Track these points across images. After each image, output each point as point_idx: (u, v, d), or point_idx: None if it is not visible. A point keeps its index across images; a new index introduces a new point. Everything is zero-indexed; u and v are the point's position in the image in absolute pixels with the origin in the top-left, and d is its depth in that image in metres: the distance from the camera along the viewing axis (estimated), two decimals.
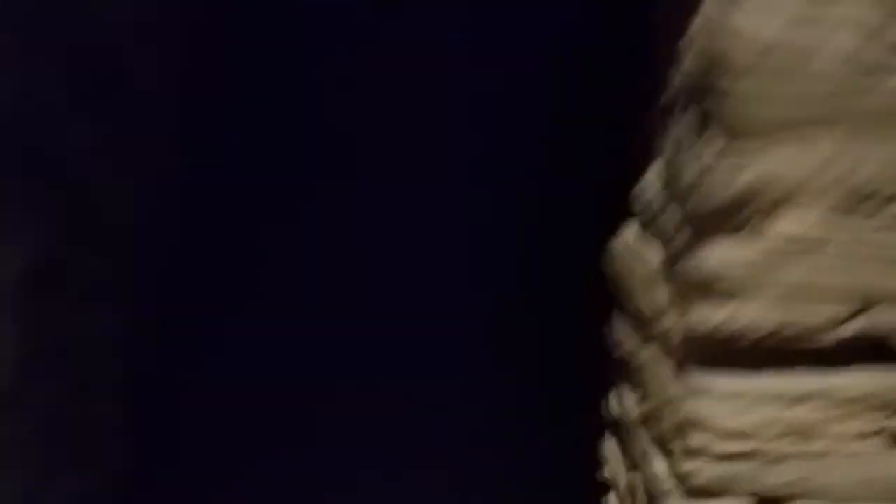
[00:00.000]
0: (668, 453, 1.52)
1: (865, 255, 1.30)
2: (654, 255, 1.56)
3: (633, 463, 1.68)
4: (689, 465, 1.39)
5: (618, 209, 1.77)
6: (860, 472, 1.34)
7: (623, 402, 1.75)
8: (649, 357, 1.59)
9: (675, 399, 1.47)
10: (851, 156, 1.24)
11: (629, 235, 1.67)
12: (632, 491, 1.65)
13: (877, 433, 1.33)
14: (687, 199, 1.36)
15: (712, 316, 1.35)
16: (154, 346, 2.33)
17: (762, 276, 1.32)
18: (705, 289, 1.35)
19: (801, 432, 1.39)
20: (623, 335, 1.71)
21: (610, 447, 1.84)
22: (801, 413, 1.39)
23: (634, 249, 1.62)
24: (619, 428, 1.77)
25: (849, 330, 1.35)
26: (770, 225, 1.30)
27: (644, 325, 1.60)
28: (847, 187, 1.26)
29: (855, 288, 1.30)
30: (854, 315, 1.31)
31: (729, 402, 1.41)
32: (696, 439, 1.43)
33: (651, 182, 1.54)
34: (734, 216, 1.30)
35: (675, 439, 1.48)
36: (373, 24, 2.92)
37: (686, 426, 1.44)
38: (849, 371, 1.37)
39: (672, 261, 1.44)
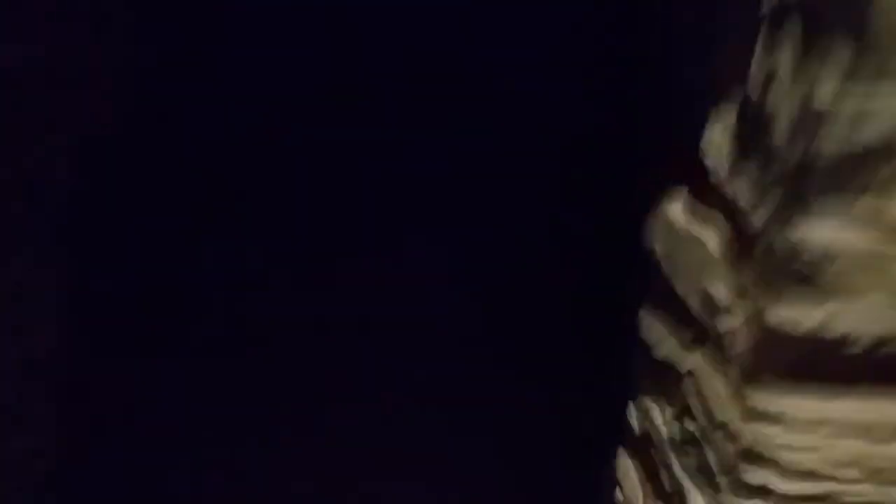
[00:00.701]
0: (713, 487, 1.19)
1: None
2: (713, 235, 1.21)
3: (661, 492, 1.34)
4: None
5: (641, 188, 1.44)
6: None
7: (651, 417, 1.40)
8: (697, 364, 1.25)
9: (732, 421, 1.13)
10: None
11: (676, 210, 1.32)
12: None
13: None
14: (781, 154, 1.00)
15: (805, 315, 1.00)
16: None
17: (881, 268, 0.97)
18: (802, 277, 1.00)
19: (892, 475, 1.06)
20: (659, 335, 1.36)
21: (626, 468, 1.50)
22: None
23: (684, 228, 1.27)
24: (641, 446, 1.43)
25: None
26: None
27: (692, 323, 1.25)
28: None
29: None
30: None
31: (806, 431, 1.07)
32: (755, 475, 1.10)
33: (714, 140, 1.19)
34: (855, 179, 0.95)
35: (726, 472, 1.14)
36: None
37: (744, 457, 1.11)
38: None
39: (749, 239, 1.09)
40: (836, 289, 0.99)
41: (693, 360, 1.26)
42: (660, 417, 1.38)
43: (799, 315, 1.01)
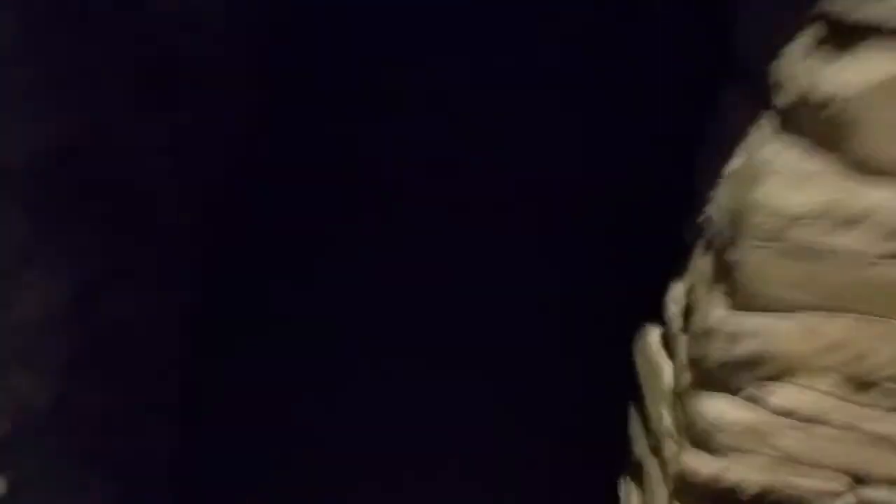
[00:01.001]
0: None
1: (871, 437, 1.24)
2: (669, 374, 1.53)
3: None
4: None
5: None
6: None
7: (630, 498, 1.74)
8: (653, 470, 1.58)
9: None
10: (859, 344, 1.18)
11: (653, 340, 1.64)
12: None
13: None
14: (694, 343, 1.33)
15: (704, 465, 1.33)
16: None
17: (759, 438, 1.28)
18: (699, 439, 1.32)
19: None
20: (636, 433, 1.69)
21: None
22: None
23: (654, 358, 1.59)
24: None
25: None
26: (773, 392, 1.26)
27: (652, 436, 1.58)
28: (850, 372, 1.20)
29: (846, 468, 1.25)
30: (842, 493, 1.26)
31: None
32: None
33: (674, 301, 1.50)
34: (735, 378, 1.26)
35: None
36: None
37: None
38: None
39: (677, 395, 1.41)
40: (726, 450, 1.31)
41: (651, 465, 1.59)
42: (635, 500, 1.71)
43: (700, 465, 1.34)
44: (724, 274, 1.22)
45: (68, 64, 1.60)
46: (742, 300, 1.20)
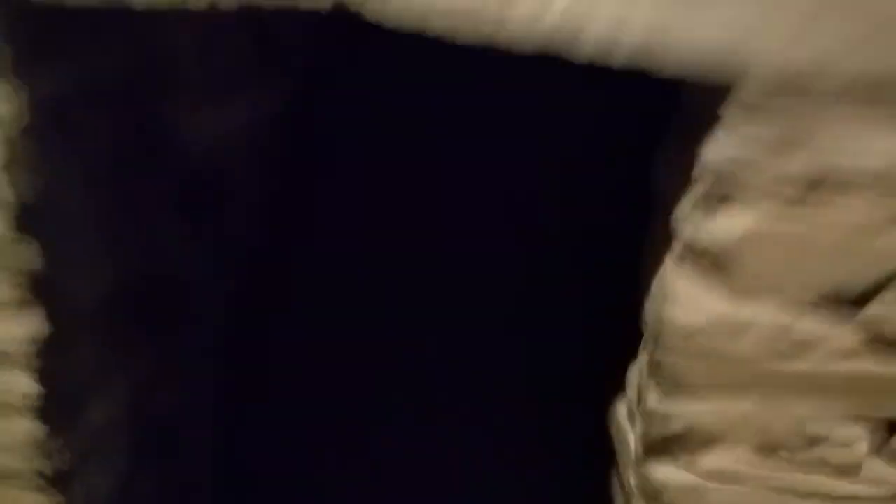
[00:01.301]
0: None
1: (778, 490, 1.56)
2: (633, 442, 1.84)
3: None
4: None
5: None
6: None
7: None
8: None
9: None
10: (759, 421, 1.50)
11: (622, 412, 1.95)
12: None
13: None
14: (642, 420, 1.65)
15: None
16: None
17: (695, 496, 1.60)
18: (654, 496, 1.64)
19: None
20: (616, 493, 2.01)
21: None
22: None
23: (623, 429, 1.91)
24: None
25: None
26: (701, 458, 1.57)
27: (626, 496, 1.89)
28: (756, 442, 1.52)
29: None
30: None
31: None
32: None
33: (630, 383, 1.82)
34: (673, 449, 1.58)
35: None
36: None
37: None
38: None
39: (637, 461, 1.73)
40: None
41: None
42: None
43: None
44: (654, 369, 1.55)
45: (125, 205, 1.95)
46: (667, 390, 1.52)
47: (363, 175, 3.29)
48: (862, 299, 1.41)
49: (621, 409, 1.98)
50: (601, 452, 2.04)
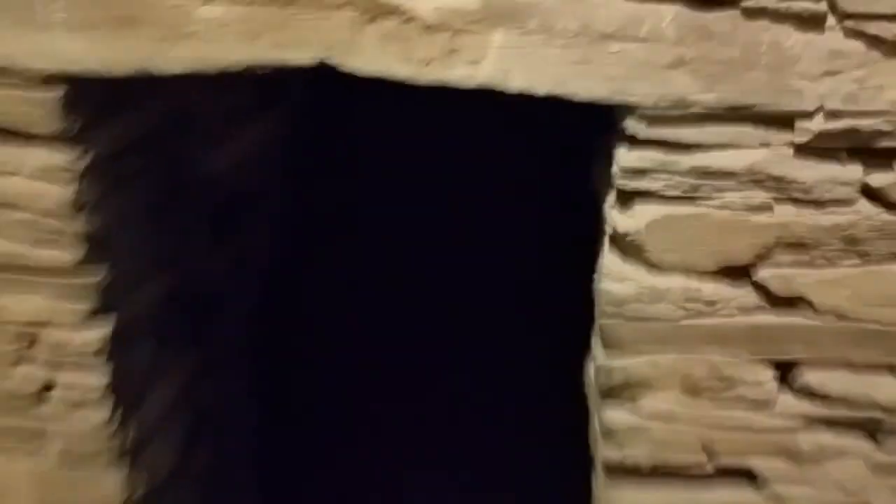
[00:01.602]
0: None
1: (708, 426, 1.94)
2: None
3: None
4: None
5: None
6: None
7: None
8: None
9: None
10: (688, 362, 1.87)
11: (590, 372, 2.32)
12: None
13: None
14: (595, 373, 2.03)
15: (613, 454, 2.02)
16: None
17: (641, 433, 1.98)
18: (608, 436, 2.01)
19: None
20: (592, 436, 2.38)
21: None
22: None
23: (590, 384, 2.27)
24: None
25: (709, 468, 1.99)
26: (641, 403, 1.96)
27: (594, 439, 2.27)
28: (688, 382, 1.90)
29: (701, 446, 1.95)
30: (704, 463, 1.95)
31: None
32: None
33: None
34: (618, 396, 1.96)
35: None
36: None
37: None
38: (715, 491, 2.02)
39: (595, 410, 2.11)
40: (623, 442, 2.00)
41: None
42: None
43: (610, 454, 2.02)
44: (599, 331, 1.94)
45: (168, 228, 2.36)
46: (608, 348, 1.91)
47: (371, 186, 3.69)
48: (751, 266, 1.80)
49: (589, 369, 2.37)
50: None
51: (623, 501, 2.03)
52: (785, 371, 1.92)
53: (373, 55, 1.62)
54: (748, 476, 1.99)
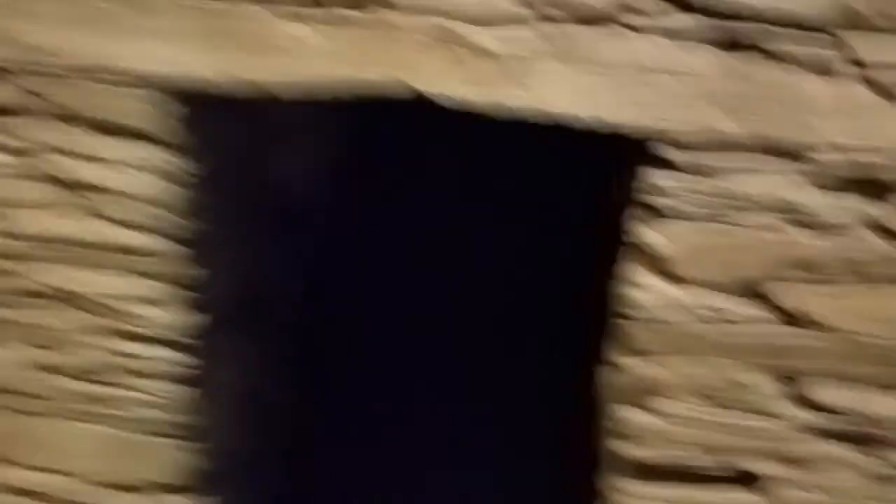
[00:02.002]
0: None
1: (717, 428, 2.12)
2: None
3: None
4: None
5: None
6: None
7: None
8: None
9: None
10: (700, 368, 2.05)
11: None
12: None
13: None
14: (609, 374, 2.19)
15: (631, 453, 2.20)
16: None
17: (654, 434, 2.15)
18: (621, 436, 2.19)
19: None
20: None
21: None
22: None
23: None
24: None
25: (717, 471, 2.15)
26: (654, 404, 2.13)
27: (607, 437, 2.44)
28: (696, 389, 2.08)
29: (712, 446, 2.12)
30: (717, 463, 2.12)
31: None
32: None
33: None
34: (634, 397, 2.14)
35: None
36: None
37: None
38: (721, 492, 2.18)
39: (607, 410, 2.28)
40: (640, 441, 2.19)
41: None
42: None
43: (628, 452, 2.21)
44: (616, 336, 2.13)
45: (243, 233, 2.61)
46: (626, 351, 2.10)
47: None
48: (764, 283, 1.99)
49: (604, 371, 2.52)
50: None
51: (632, 501, 2.20)
52: (791, 383, 2.09)
53: (433, 78, 1.84)
54: (753, 480, 2.16)
